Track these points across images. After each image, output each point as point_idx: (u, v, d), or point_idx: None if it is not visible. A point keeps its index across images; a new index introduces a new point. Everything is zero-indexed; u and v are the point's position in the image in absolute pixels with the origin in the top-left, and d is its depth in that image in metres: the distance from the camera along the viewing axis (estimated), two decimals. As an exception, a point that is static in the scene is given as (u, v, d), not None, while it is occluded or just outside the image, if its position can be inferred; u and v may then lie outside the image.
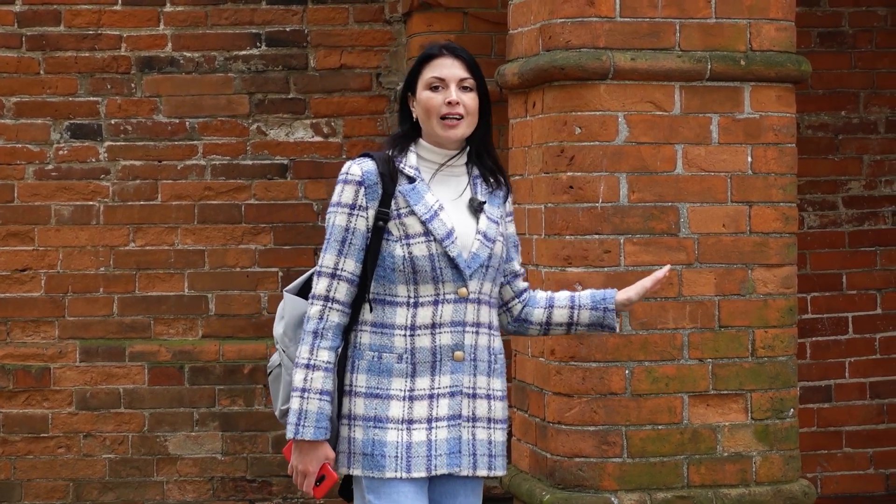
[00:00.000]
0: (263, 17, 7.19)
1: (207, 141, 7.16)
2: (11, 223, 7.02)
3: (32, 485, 7.00)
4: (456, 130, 3.69)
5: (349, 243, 3.66)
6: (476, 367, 3.70)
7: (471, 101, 3.69)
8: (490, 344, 3.75)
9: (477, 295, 3.69)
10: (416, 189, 3.67)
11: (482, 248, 3.68)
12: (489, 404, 3.72)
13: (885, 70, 7.71)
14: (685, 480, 4.97)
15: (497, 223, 3.76)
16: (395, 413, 3.62)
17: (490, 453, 3.72)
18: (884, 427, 7.68)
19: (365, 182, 3.65)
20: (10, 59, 7.04)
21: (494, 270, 3.74)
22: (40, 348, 7.03)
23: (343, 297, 3.66)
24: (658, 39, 4.93)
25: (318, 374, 3.62)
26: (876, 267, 7.70)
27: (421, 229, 3.64)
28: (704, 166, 4.98)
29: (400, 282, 3.65)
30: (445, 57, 3.72)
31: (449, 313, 3.65)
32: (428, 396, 3.65)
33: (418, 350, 3.64)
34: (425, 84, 3.72)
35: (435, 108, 3.68)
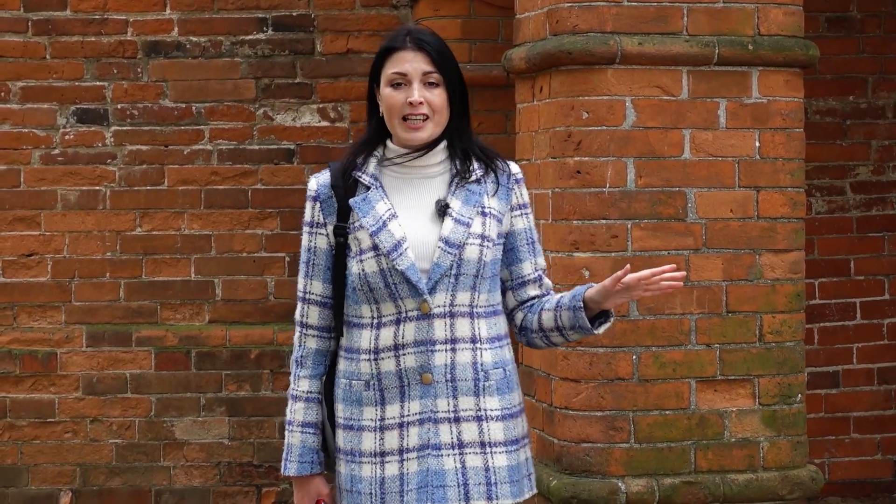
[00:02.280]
0: (270, 2, 7.19)
1: (214, 126, 7.17)
2: (18, 208, 7.04)
3: (39, 469, 7.02)
4: (420, 133, 3.32)
5: (313, 264, 3.41)
6: (456, 387, 3.29)
7: (437, 97, 3.32)
8: (476, 360, 3.31)
9: (447, 308, 3.29)
10: (367, 199, 3.33)
11: (443, 255, 3.27)
12: (480, 426, 3.30)
13: (894, 55, 7.71)
14: (692, 466, 4.98)
15: (468, 224, 3.31)
16: (367, 446, 3.32)
17: (489, 481, 3.29)
18: (892, 413, 7.69)
19: (319, 196, 3.38)
20: (16, 43, 7.04)
21: (472, 278, 3.31)
22: (47, 333, 7.04)
23: (316, 321, 3.41)
24: (665, 24, 4.94)
25: (299, 404, 3.40)
26: (884, 252, 7.71)
27: (370, 243, 3.30)
28: (712, 151, 4.98)
29: (363, 301, 3.34)
30: (407, 49, 3.33)
31: (412, 332, 3.29)
32: (398, 425, 3.30)
33: (384, 375, 3.31)
34: (387, 80, 3.35)
35: (397, 107, 3.32)
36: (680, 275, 3.34)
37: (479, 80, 6.82)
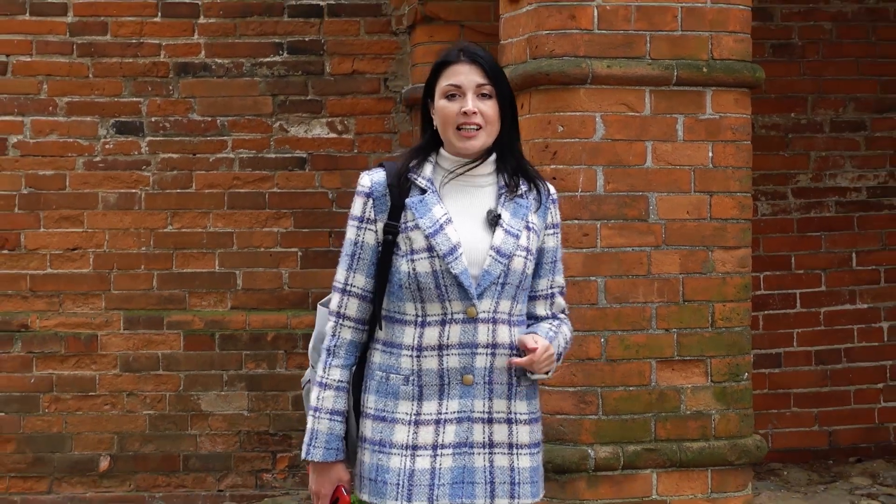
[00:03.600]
0: (285, 29, 7.19)
1: (236, 137, 7.16)
2: (64, 208, 7.03)
3: (81, 437, 7.01)
4: (474, 142, 3.10)
5: (358, 258, 3.14)
6: (492, 390, 3.09)
7: (489, 109, 3.10)
8: (511, 366, 3.10)
9: (491, 314, 3.08)
10: (424, 201, 3.09)
11: (494, 264, 3.06)
12: (510, 429, 3.12)
13: (830, 77, 7.72)
14: (653, 435, 4.98)
15: (517, 236, 3.10)
16: (399, 438, 3.07)
17: (513, 481, 3.11)
18: (827, 390, 7.70)
19: (373, 194, 3.12)
20: (62, 64, 7.03)
21: (514, 288, 3.11)
22: (89, 318, 7.03)
23: (354, 313, 3.15)
24: (631, 49, 4.94)
25: (329, 392, 3.13)
26: (821, 249, 7.72)
27: (424, 244, 3.06)
28: (671, 161, 4.99)
29: (408, 299, 3.09)
30: (462, 63, 3.13)
31: (457, 334, 3.06)
32: (434, 422, 3.07)
33: (425, 372, 3.07)
34: (441, 92, 3.13)
35: (451, 117, 3.09)
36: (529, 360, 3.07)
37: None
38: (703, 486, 5.00)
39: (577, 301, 4.87)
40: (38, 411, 6.99)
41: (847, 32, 7.75)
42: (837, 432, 7.74)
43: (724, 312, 5.03)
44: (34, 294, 7.02)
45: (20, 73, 7.02)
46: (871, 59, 7.77)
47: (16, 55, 7.01)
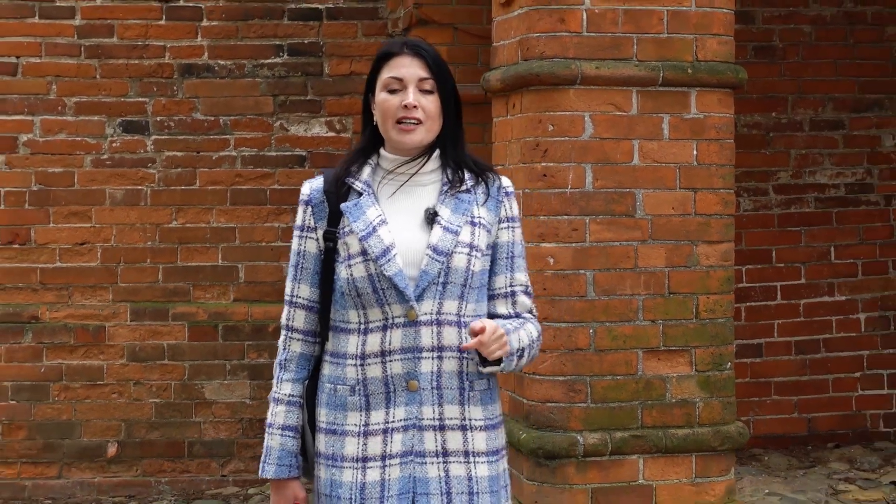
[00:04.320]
0: (285, 31, 7.18)
1: (238, 136, 7.16)
2: (73, 204, 7.02)
3: (90, 424, 7.00)
4: (412, 136, 2.91)
5: (301, 268, 2.97)
6: (442, 395, 2.87)
7: (431, 104, 2.93)
8: (463, 369, 2.88)
9: (434, 316, 2.86)
10: (359, 205, 2.90)
11: (432, 263, 2.85)
12: (465, 436, 2.89)
13: (810, 78, 7.73)
14: (639, 422, 4.98)
15: (456, 232, 2.89)
16: (349, 451, 2.87)
17: (471, 490, 2.88)
18: (806, 378, 7.71)
19: (311, 201, 2.96)
20: (70, 65, 7.02)
21: (459, 287, 2.88)
22: (97, 309, 7.03)
23: (302, 325, 2.99)
24: (618, 51, 4.94)
25: (280, 407, 2.98)
26: (800, 244, 7.73)
27: (359, 248, 2.86)
28: (657, 158, 4.98)
29: (350, 307, 2.89)
30: (405, 55, 2.95)
31: (399, 339, 2.85)
32: (382, 431, 2.86)
33: (370, 381, 2.86)
34: (383, 85, 2.96)
35: (391, 110, 2.92)
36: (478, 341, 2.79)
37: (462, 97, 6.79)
38: (687, 472, 5.00)
39: (566, 293, 4.87)
40: (49, 399, 6.98)
41: (826, 35, 7.75)
42: (816, 419, 7.75)
43: (708, 304, 5.03)
44: (44, 287, 7.01)
45: (30, 74, 7.00)
46: (848, 60, 7.78)
47: (25, 57, 7.00)
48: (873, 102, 7.83)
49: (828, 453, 7.48)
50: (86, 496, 6.95)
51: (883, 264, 7.84)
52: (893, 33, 7.84)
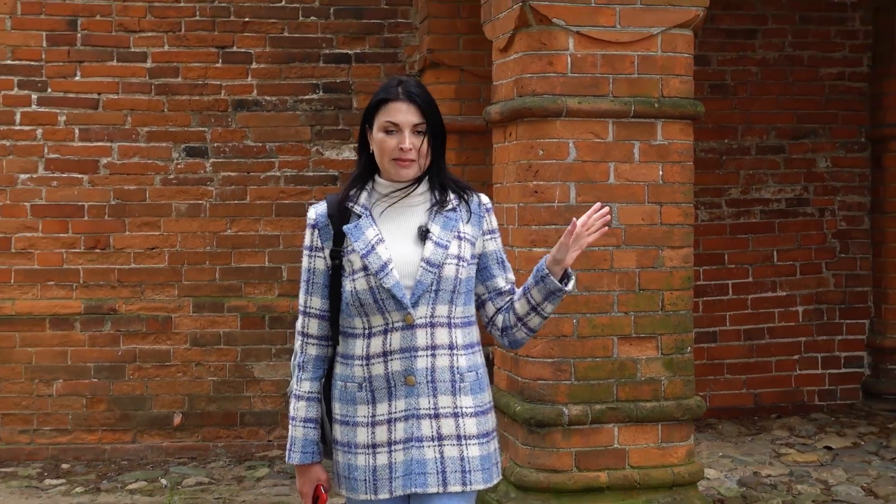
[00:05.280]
0: (321, 73, 7.19)
1: (281, 159, 7.17)
2: (145, 216, 7.04)
3: (159, 398, 7.02)
4: (408, 171, 2.86)
5: (312, 283, 2.93)
6: (436, 388, 2.83)
7: (423, 144, 2.86)
8: (453, 364, 2.85)
9: (428, 319, 2.83)
10: (358, 226, 2.86)
11: (425, 273, 2.81)
12: (457, 422, 2.84)
13: (756, 111, 7.74)
14: (615, 396, 4.99)
15: (446, 247, 2.85)
16: (361, 439, 2.85)
17: (463, 469, 2.83)
18: (753, 361, 7.72)
19: (317, 225, 2.92)
20: (142, 100, 7.04)
21: (450, 293, 2.85)
22: (165, 303, 7.05)
23: (315, 331, 2.94)
24: (597, 89, 4.94)
25: (301, 403, 2.92)
26: (748, 248, 7.74)
27: (360, 264, 2.83)
28: (629, 178, 4.99)
29: (355, 315, 2.85)
30: (400, 101, 2.86)
31: (398, 340, 2.82)
32: (387, 421, 2.83)
33: (374, 378, 2.83)
34: (380, 126, 2.87)
35: (388, 150, 2.85)
36: (606, 210, 2.94)
37: (467, 127, 6.84)
38: (654, 438, 5.00)
39: (554, 290, 4.87)
40: (125, 378, 7.00)
41: (769, 75, 7.76)
42: (761, 394, 7.75)
43: (672, 299, 5.03)
44: (121, 284, 7.03)
45: (109, 107, 7.02)
46: (788, 96, 7.79)
47: (106, 93, 7.02)
48: (809, 131, 7.84)
49: (771, 423, 7.48)
50: (155, 458, 6.97)
51: (817, 265, 7.84)
52: (826, 73, 7.84)
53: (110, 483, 6.40)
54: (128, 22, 7.01)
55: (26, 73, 6.93)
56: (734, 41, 7.68)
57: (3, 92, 6.92)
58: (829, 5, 7.81)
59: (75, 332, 6.95)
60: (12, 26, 6.92)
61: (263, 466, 6.70)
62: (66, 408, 6.94)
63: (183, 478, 6.49)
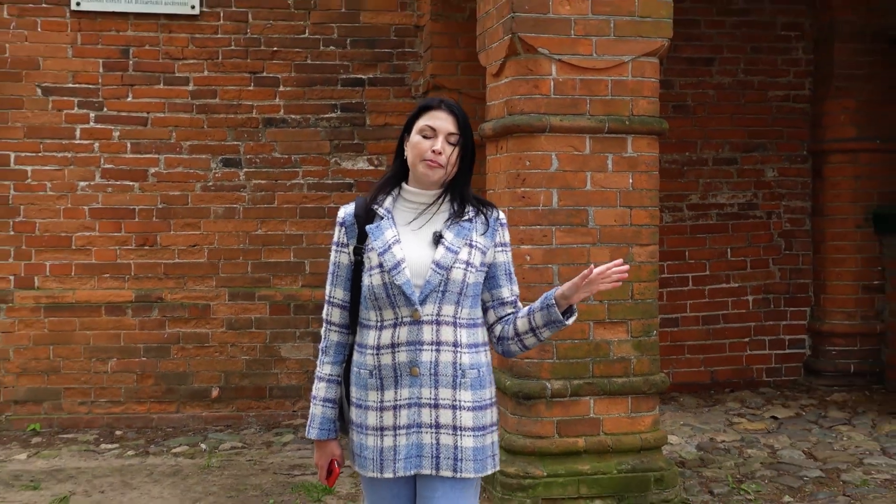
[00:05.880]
0: (339, 94, 7.19)
1: (304, 169, 7.17)
2: (187, 217, 7.04)
3: (199, 374, 7.03)
4: (433, 173, 2.73)
5: (336, 275, 2.82)
6: (438, 380, 2.69)
7: (453, 154, 2.75)
8: (456, 360, 2.71)
9: (434, 317, 2.69)
10: (379, 227, 2.74)
11: (434, 275, 2.68)
12: (454, 414, 2.70)
13: (712, 128, 7.76)
14: (591, 373, 4.99)
15: (456, 252, 2.72)
16: (371, 422, 2.72)
17: (455, 457, 2.69)
18: (709, 342, 7.74)
19: (345, 223, 2.81)
20: (185, 118, 7.04)
21: (456, 295, 2.71)
22: (204, 293, 7.05)
23: (337, 319, 2.81)
24: (576, 108, 4.94)
25: (322, 384, 2.81)
26: (706, 246, 7.75)
27: (377, 261, 2.71)
28: (604, 185, 4.99)
29: (370, 307, 2.74)
30: (441, 110, 2.77)
31: (405, 334, 2.69)
32: (393, 407, 2.71)
33: (383, 367, 2.70)
34: (419, 130, 2.76)
35: (422, 152, 2.73)
36: (626, 267, 2.79)
37: (464, 141, 6.83)
38: (625, 408, 5.00)
39: (538, 281, 4.87)
40: (169, 357, 7.00)
41: (724, 97, 7.77)
42: (717, 372, 7.76)
43: (640, 289, 5.03)
44: (167, 276, 7.03)
45: (156, 124, 7.02)
46: (740, 115, 7.81)
47: (154, 112, 7.02)
48: (758, 145, 7.84)
49: (725, 396, 7.49)
50: (196, 426, 6.97)
51: (765, 261, 7.85)
52: (773, 96, 7.85)
53: (157, 447, 6.41)
54: (173, 51, 7.01)
55: (85, 95, 6.93)
56: (694, 68, 7.69)
57: (65, 111, 6.92)
58: (776, 37, 7.82)
59: (127, 317, 6.95)
60: (73, 54, 6.92)
61: (289, 433, 6.70)
62: (119, 382, 6.95)
63: (219, 443, 6.50)
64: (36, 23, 6.88)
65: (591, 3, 4.88)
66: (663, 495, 4.96)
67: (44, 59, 6.88)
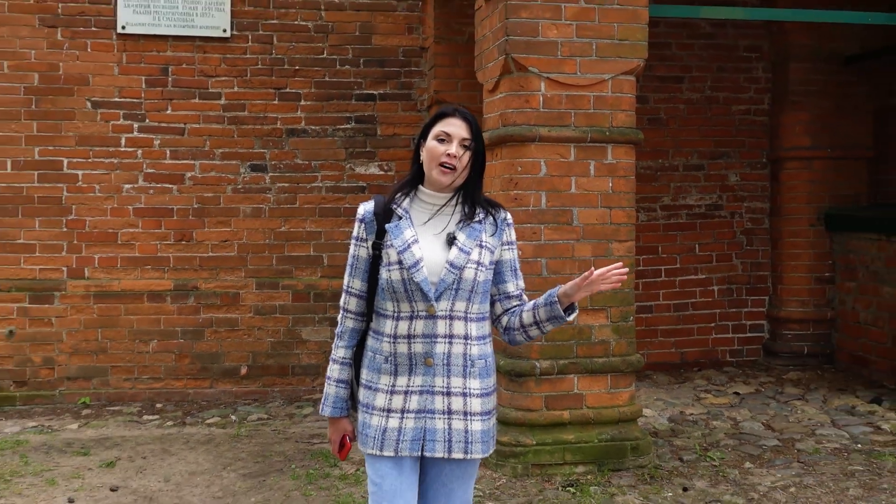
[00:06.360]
0: (353, 108, 7.20)
1: (323, 174, 7.17)
2: (220, 216, 7.05)
3: (229, 354, 7.04)
4: (447, 177, 2.62)
5: (355, 267, 2.68)
6: (450, 370, 2.59)
7: (466, 158, 2.64)
8: (466, 352, 2.61)
9: (448, 312, 2.59)
10: (398, 226, 2.62)
11: (448, 273, 2.57)
12: (465, 400, 2.61)
13: (683, 138, 7.75)
14: (575, 353, 5.00)
15: (469, 252, 2.61)
16: (379, 403, 2.61)
17: (466, 440, 2.61)
18: (680, 327, 7.74)
19: (365, 219, 2.67)
20: (217, 129, 7.05)
21: (468, 292, 2.61)
22: (234, 283, 7.06)
23: (354, 307, 2.69)
24: (562, 121, 4.96)
25: (336, 366, 2.71)
26: (677, 242, 7.75)
27: (397, 258, 2.59)
28: (586, 188, 5.00)
29: (387, 299, 2.61)
30: (456, 118, 2.66)
31: (421, 327, 2.58)
32: (404, 392, 2.60)
33: (399, 354, 2.60)
34: (434, 135, 2.65)
35: (437, 155, 2.62)
36: (625, 270, 2.64)
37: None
38: (605, 385, 5.02)
39: (529, 273, 4.89)
40: (204, 339, 7.01)
41: (693, 111, 7.77)
42: (686, 353, 7.77)
43: (618, 280, 5.05)
44: (201, 268, 7.04)
45: (192, 134, 7.03)
46: (707, 127, 7.81)
47: (190, 123, 7.02)
48: (723, 153, 7.85)
49: (693, 374, 7.50)
50: (227, 400, 6.99)
51: (729, 255, 7.86)
52: (736, 110, 7.85)
53: (193, 419, 6.42)
54: (207, 69, 7.01)
55: (129, 108, 6.94)
56: (666, 85, 7.69)
57: (112, 122, 6.93)
58: (739, 58, 7.82)
59: (166, 304, 6.96)
60: (119, 72, 6.92)
61: (308, 406, 6.72)
62: (160, 361, 6.96)
63: (248, 414, 6.51)
64: (86, 44, 6.89)
65: (575, 27, 4.90)
66: (638, 461, 4.98)
67: (93, 76, 6.89)
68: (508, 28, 4.86)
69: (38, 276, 6.84)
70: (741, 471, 5.00)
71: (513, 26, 4.85)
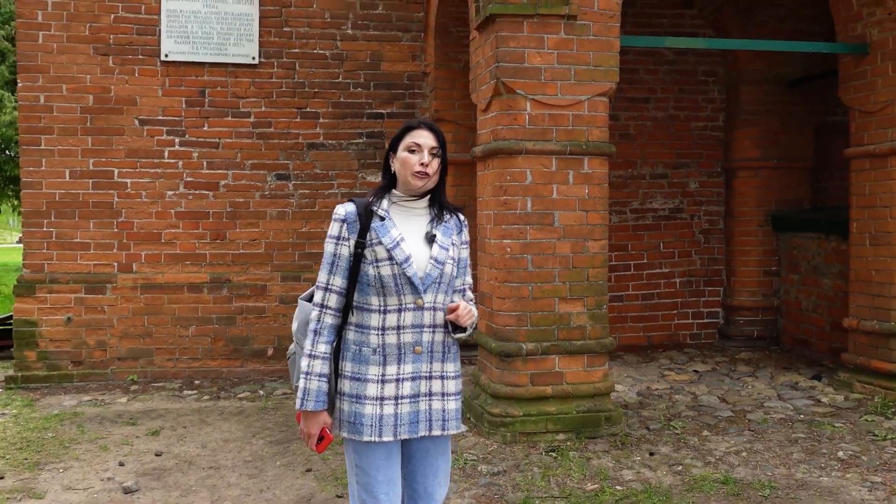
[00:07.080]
0: (365, 125, 7.17)
1: (338, 182, 7.15)
2: (249, 219, 7.03)
3: (258, 338, 7.02)
4: (423, 182, 2.49)
5: (336, 265, 2.47)
6: (433, 356, 2.49)
7: (435, 165, 2.51)
8: (445, 339, 2.51)
9: (432, 304, 2.48)
10: (384, 225, 2.47)
11: (433, 268, 2.47)
12: (442, 382, 2.51)
13: (650, 151, 7.74)
14: (556, 337, 5.00)
15: (447, 249, 2.52)
16: (370, 392, 2.44)
17: (444, 418, 2.51)
18: (646, 314, 7.73)
19: (347, 220, 2.47)
20: (248, 143, 7.03)
21: (446, 285, 2.51)
22: (262, 276, 7.04)
23: (333, 304, 2.47)
24: (545, 136, 4.94)
25: (317, 361, 2.44)
26: (644, 240, 7.74)
27: (386, 255, 2.43)
28: (566, 194, 4.99)
29: (372, 294, 2.44)
30: (423, 130, 2.52)
31: (410, 318, 2.45)
32: (395, 380, 2.45)
33: (388, 345, 2.44)
34: (405, 146, 2.51)
35: (411, 165, 2.48)
36: (456, 315, 2.49)
37: (461, 161, 6.84)
38: (582, 364, 5.01)
39: (516, 268, 4.89)
40: (236, 324, 6.99)
41: (658, 127, 7.76)
42: (653, 336, 7.76)
43: (594, 273, 5.04)
44: (234, 263, 7.02)
45: (226, 147, 7.01)
46: (670, 141, 7.79)
47: (224, 138, 7.00)
48: (684, 164, 7.83)
49: (658, 355, 7.49)
50: (256, 377, 6.97)
51: (689, 252, 7.85)
52: (695, 126, 7.84)
53: (226, 393, 6.41)
54: (238, 91, 6.99)
55: (171, 125, 6.92)
56: (635, 104, 7.68)
57: (157, 137, 6.91)
58: (697, 81, 7.81)
59: (203, 294, 6.94)
60: (162, 94, 6.90)
61: (327, 382, 6.70)
62: (198, 344, 6.95)
63: (274, 390, 6.50)
64: (134, 70, 6.87)
65: (556, 55, 4.89)
66: (611, 430, 4.98)
67: (140, 98, 6.87)
68: (499, 56, 4.84)
69: (92, 271, 6.82)
70: (700, 438, 5.00)
71: (502, 54, 4.84)
